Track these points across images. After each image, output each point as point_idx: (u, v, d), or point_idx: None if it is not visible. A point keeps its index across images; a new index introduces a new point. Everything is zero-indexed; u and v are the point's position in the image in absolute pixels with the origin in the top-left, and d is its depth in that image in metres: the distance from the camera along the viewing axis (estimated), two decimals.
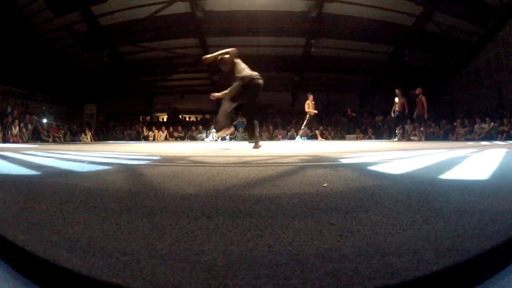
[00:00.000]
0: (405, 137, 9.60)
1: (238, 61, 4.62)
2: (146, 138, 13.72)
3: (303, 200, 1.05)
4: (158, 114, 17.52)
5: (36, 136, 11.17)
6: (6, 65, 11.13)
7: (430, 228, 0.74)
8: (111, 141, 11.87)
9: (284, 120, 15.23)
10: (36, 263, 0.58)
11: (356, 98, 16.61)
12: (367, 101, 16.39)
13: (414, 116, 9.43)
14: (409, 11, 10.74)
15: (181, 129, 14.44)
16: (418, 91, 9.20)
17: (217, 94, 4.71)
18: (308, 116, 9.76)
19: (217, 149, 4.45)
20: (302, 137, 10.34)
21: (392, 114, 9.62)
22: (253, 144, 4.50)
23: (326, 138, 13.29)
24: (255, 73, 4.52)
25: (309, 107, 9.78)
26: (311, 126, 10.41)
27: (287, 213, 0.89)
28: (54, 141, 11.12)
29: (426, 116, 9.15)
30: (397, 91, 9.36)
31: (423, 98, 9.04)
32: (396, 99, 9.35)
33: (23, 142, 10.04)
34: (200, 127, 14.29)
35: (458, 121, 10.93)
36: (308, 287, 0.48)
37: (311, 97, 9.89)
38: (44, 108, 13.96)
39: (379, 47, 12.93)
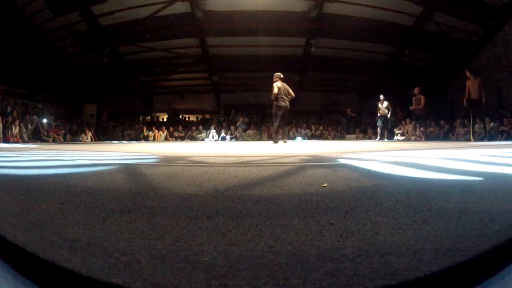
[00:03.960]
0: (406, 137, 9.57)
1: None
2: (146, 138, 13.71)
3: (303, 200, 1.05)
4: (158, 114, 17.52)
5: (36, 136, 11.16)
6: (6, 65, 11.13)
7: (430, 228, 0.74)
8: (111, 141, 11.87)
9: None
10: (36, 263, 0.58)
11: (356, 98, 16.61)
12: (367, 101, 16.41)
13: (411, 108, 9.29)
14: (409, 11, 10.74)
15: (181, 129, 14.44)
16: (416, 90, 9.13)
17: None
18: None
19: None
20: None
21: (465, 101, 7.56)
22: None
23: (326, 138, 13.29)
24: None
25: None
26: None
27: (287, 213, 0.89)
28: (54, 141, 11.11)
29: (422, 114, 9.01)
30: (467, 73, 7.53)
31: (422, 97, 8.95)
32: (470, 83, 7.38)
33: (23, 142, 10.04)
34: (200, 127, 14.29)
35: (458, 121, 10.92)
36: (308, 287, 0.48)
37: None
38: (44, 108, 13.95)
39: (379, 47, 12.93)
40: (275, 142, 6.62)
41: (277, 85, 6.66)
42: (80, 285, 0.52)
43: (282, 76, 6.87)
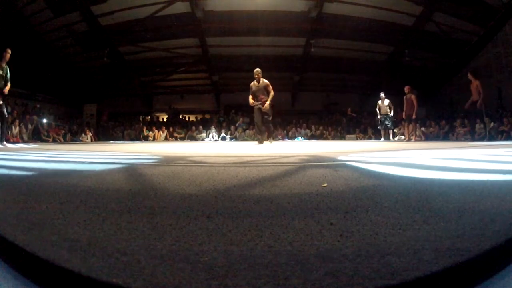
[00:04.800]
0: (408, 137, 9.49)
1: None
2: (146, 138, 13.71)
3: (303, 200, 1.05)
4: (158, 114, 17.52)
5: (36, 136, 11.17)
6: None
7: (430, 228, 0.74)
8: (111, 141, 11.87)
9: (284, 120, 15.24)
10: (36, 263, 0.58)
11: (356, 98, 16.62)
12: (367, 101, 16.42)
13: (404, 116, 8.96)
14: (409, 11, 10.75)
15: (181, 129, 14.44)
16: (406, 89, 8.82)
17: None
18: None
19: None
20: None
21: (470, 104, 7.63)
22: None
23: (326, 138, 13.28)
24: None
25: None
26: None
27: (287, 213, 0.89)
28: (54, 141, 11.12)
29: (413, 116, 8.64)
30: (468, 75, 7.66)
31: (413, 97, 8.62)
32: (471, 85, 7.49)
33: (23, 142, 10.04)
34: (200, 127, 14.29)
35: (458, 121, 10.92)
36: (308, 287, 0.48)
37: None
38: (44, 108, 13.95)
39: (379, 47, 12.94)
40: (271, 141, 6.72)
41: None
42: (80, 285, 0.52)
43: None
